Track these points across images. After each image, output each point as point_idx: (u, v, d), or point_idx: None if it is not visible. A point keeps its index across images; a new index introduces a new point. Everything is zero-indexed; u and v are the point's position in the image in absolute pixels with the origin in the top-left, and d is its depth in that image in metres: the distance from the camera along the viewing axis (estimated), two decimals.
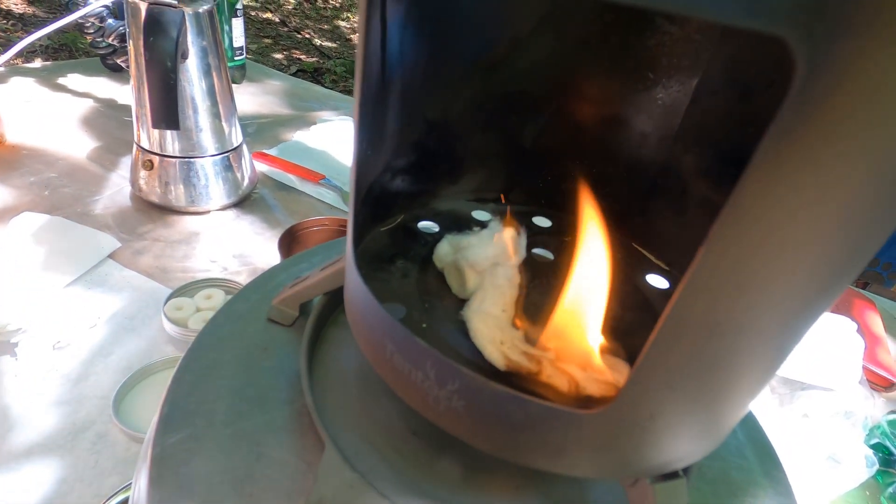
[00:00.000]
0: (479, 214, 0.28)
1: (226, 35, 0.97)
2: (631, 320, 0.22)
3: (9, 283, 0.47)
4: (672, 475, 0.17)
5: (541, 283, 0.23)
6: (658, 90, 0.26)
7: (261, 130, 0.90)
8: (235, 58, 1.03)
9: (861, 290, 0.78)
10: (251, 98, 1.02)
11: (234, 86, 0.65)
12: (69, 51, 2.37)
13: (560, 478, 0.20)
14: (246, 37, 1.03)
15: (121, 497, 0.32)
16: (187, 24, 0.54)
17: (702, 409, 0.15)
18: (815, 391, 0.54)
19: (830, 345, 0.54)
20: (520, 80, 0.26)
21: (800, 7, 0.08)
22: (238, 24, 0.99)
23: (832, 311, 0.58)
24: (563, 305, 0.18)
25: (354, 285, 0.19)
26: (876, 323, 0.70)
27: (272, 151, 0.82)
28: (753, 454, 0.25)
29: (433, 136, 0.25)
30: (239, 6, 0.98)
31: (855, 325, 0.55)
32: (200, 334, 0.26)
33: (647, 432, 0.15)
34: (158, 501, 0.18)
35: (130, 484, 0.33)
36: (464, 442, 0.20)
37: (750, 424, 0.27)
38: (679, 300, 0.11)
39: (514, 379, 0.17)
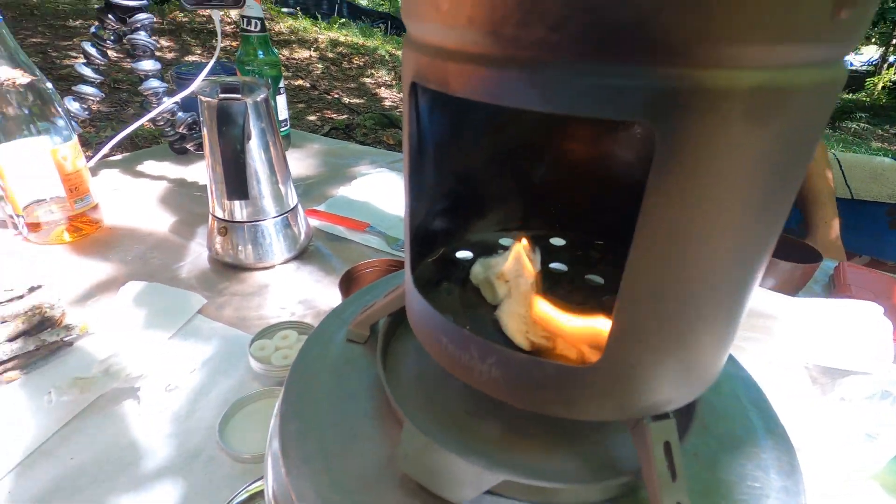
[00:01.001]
0: (504, 241, 0.35)
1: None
2: None
3: (126, 338, 0.57)
4: (663, 416, 0.22)
5: (554, 288, 0.29)
6: (635, 126, 0.33)
7: (309, 190, 1.01)
8: (281, 129, 1.16)
9: None
10: (297, 162, 1.14)
11: None
12: (130, 137, 2.63)
13: (582, 438, 0.26)
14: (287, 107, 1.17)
15: (237, 501, 0.39)
16: (249, 111, 0.65)
17: (672, 360, 0.21)
18: (853, 377, 0.56)
19: (860, 330, 0.56)
20: (524, 134, 0.33)
21: (653, 108, 0.15)
22: (282, 100, 1.12)
23: (859, 298, 0.61)
24: (571, 305, 0.25)
25: (416, 301, 0.26)
26: None
27: (321, 207, 0.92)
28: (757, 416, 0.30)
29: (462, 185, 0.33)
30: (281, 85, 1.11)
31: (882, 309, 0.57)
32: (297, 358, 0.33)
33: (635, 379, 0.21)
34: (290, 467, 0.25)
35: (243, 490, 0.40)
36: (505, 418, 0.26)
37: (754, 393, 0.31)
38: (625, 275, 0.18)
39: (535, 354, 0.23)
